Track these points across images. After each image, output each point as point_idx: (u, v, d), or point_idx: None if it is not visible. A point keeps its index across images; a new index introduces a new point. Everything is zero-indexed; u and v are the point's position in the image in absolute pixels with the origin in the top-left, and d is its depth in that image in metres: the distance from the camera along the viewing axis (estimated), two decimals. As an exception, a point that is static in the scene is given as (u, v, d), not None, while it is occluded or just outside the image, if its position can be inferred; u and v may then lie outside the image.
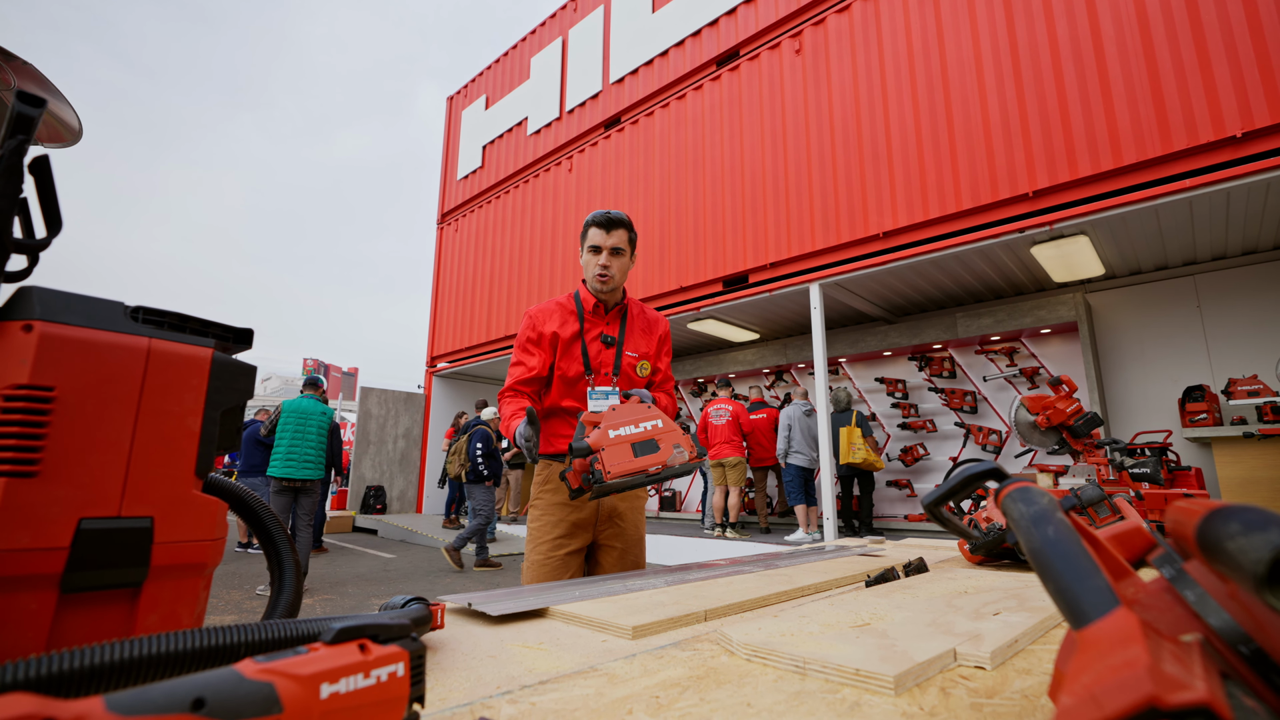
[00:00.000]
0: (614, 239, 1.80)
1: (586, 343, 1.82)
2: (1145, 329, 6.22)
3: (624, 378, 1.83)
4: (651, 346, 1.91)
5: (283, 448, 5.29)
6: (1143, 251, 5.77)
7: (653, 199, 8.09)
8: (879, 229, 5.89)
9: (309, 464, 5.36)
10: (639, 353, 1.87)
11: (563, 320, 1.84)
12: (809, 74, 6.72)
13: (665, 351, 1.96)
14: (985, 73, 5.42)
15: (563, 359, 1.81)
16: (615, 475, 1.34)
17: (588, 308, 1.86)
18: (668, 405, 1.84)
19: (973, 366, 7.21)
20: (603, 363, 1.82)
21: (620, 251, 1.82)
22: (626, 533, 1.79)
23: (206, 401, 0.62)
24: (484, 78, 12.09)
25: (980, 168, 5.34)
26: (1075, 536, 0.39)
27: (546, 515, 1.75)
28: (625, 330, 1.87)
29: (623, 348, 1.85)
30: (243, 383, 0.66)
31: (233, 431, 0.67)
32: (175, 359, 0.60)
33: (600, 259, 1.80)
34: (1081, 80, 4.91)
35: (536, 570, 1.70)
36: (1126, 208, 4.64)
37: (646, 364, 1.88)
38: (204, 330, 0.66)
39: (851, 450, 6.45)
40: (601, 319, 1.87)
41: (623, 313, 1.89)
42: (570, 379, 1.81)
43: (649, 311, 1.99)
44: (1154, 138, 4.53)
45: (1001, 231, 5.17)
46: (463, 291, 11.30)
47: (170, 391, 0.60)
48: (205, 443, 0.62)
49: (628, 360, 1.84)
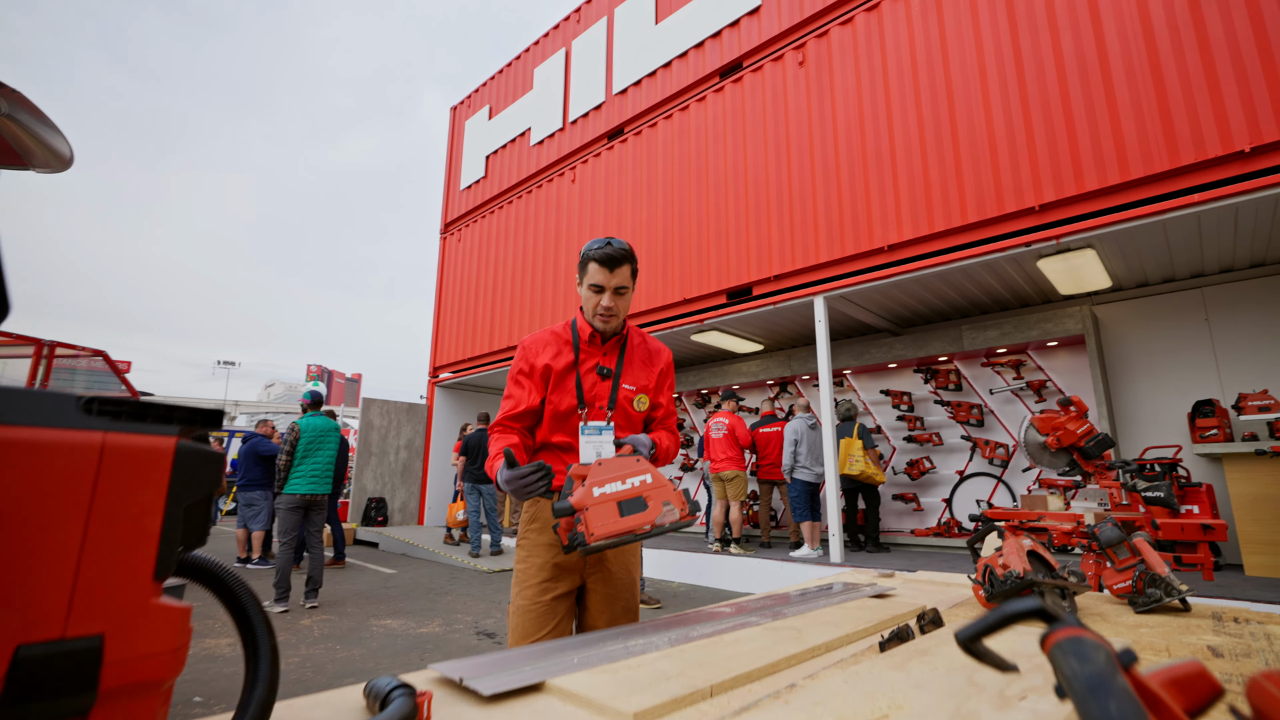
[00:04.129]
0: (618, 278, 1.67)
1: (581, 374, 1.71)
2: (1153, 342, 6.15)
3: (620, 411, 1.73)
4: (651, 379, 1.79)
5: (305, 466, 5.37)
6: (1150, 264, 5.71)
7: (656, 210, 8.06)
8: (884, 242, 5.84)
9: (324, 480, 5.47)
10: (638, 385, 1.76)
11: (557, 351, 1.74)
12: (812, 86, 6.69)
13: (667, 385, 1.84)
14: (990, 85, 5.38)
15: (555, 391, 1.71)
16: (599, 538, 1.29)
17: (584, 337, 1.75)
18: (669, 446, 1.76)
19: (979, 379, 7.14)
20: (598, 395, 1.72)
21: (624, 290, 1.70)
22: (616, 576, 1.71)
23: (168, 497, 0.57)
24: (487, 88, 12.11)
25: (986, 181, 5.30)
26: (1140, 712, 0.34)
27: (533, 556, 1.67)
28: (624, 361, 1.77)
29: (620, 380, 1.74)
30: (209, 472, 0.61)
31: (199, 526, 0.62)
32: (133, 453, 0.55)
33: (603, 300, 1.67)
34: (1087, 93, 4.87)
35: (523, 615, 1.63)
36: (1134, 222, 4.59)
37: (645, 398, 1.78)
38: (167, 417, 0.61)
39: (849, 462, 6.39)
40: (598, 349, 1.75)
41: (622, 342, 1.78)
42: (562, 413, 1.70)
43: (650, 341, 1.87)
44: (1161, 152, 4.47)
45: (1008, 245, 5.11)
46: (466, 301, 11.27)
47: (127, 490, 0.55)
48: (166, 544, 0.57)
49: (625, 394, 1.74)
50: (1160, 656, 1.15)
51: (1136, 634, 1.30)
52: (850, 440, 6.45)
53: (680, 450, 1.95)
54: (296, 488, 5.30)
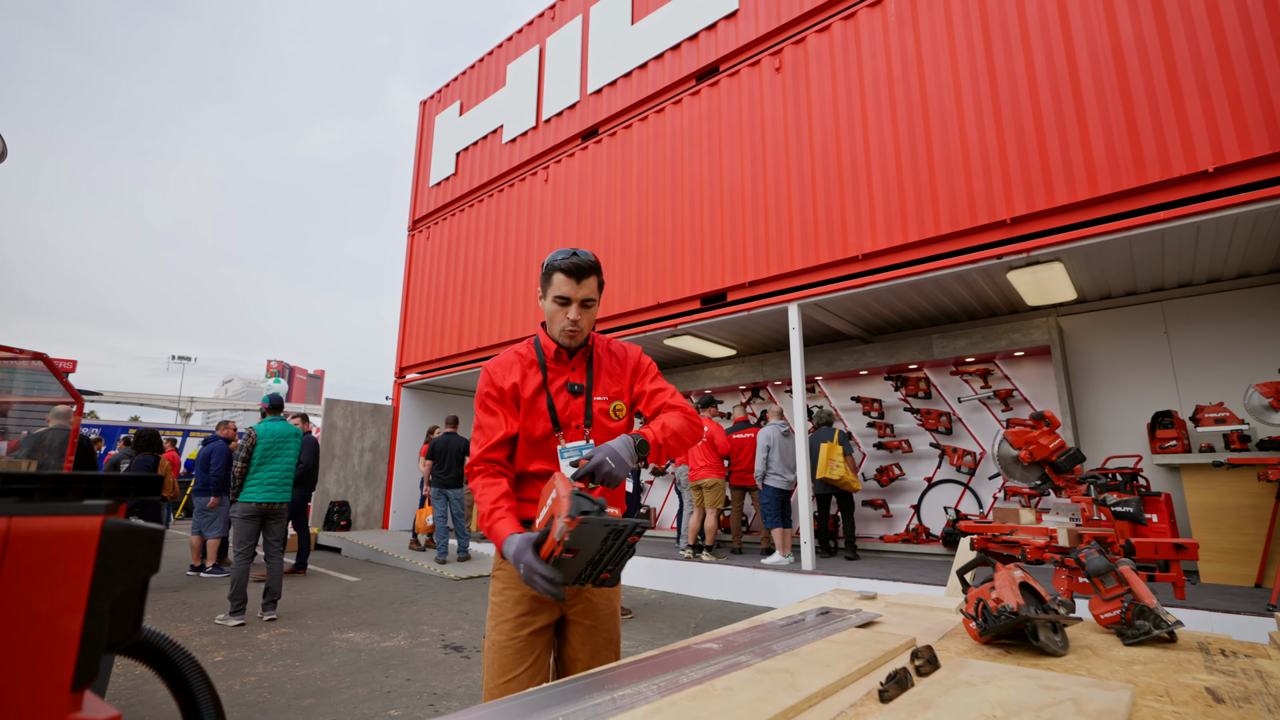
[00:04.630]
0: (585, 289, 1.59)
1: (552, 394, 1.62)
2: (1115, 353, 6.32)
3: (598, 427, 1.65)
4: (624, 382, 1.71)
5: (262, 473, 5.15)
6: (1114, 278, 5.86)
7: (630, 212, 7.99)
8: (858, 250, 5.88)
9: (282, 488, 5.26)
10: (610, 394, 1.68)
11: (523, 373, 1.64)
12: (789, 92, 6.70)
13: (644, 376, 1.74)
14: (964, 99, 5.45)
15: (528, 417, 1.62)
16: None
17: (549, 355, 1.65)
18: (678, 427, 1.60)
19: (948, 387, 7.25)
20: (573, 415, 1.63)
21: (590, 303, 1.62)
22: (598, 608, 1.62)
23: (92, 590, 0.48)
24: (458, 83, 11.88)
25: (959, 193, 5.36)
26: None
27: (509, 589, 1.57)
28: (593, 374, 1.68)
29: (592, 394, 1.66)
30: (144, 554, 0.51)
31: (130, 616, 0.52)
32: (47, 540, 0.46)
33: (569, 313, 1.59)
34: (1059, 110, 4.96)
35: (499, 652, 1.53)
36: (1101, 238, 4.69)
37: (620, 404, 1.69)
38: (93, 489, 0.52)
39: (830, 466, 6.41)
40: (566, 365, 1.66)
41: (588, 355, 1.70)
42: (538, 439, 1.61)
43: (615, 346, 1.78)
44: (1129, 169, 4.58)
45: (980, 257, 5.18)
46: (434, 301, 11.03)
47: (39, 585, 0.45)
48: (88, 648, 0.47)
49: (598, 406, 1.66)
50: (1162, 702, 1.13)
51: (1131, 671, 1.28)
52: (831, 445, 6.48)
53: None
54: (252, 496, 5.07)
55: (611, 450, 1.40)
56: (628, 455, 1.42)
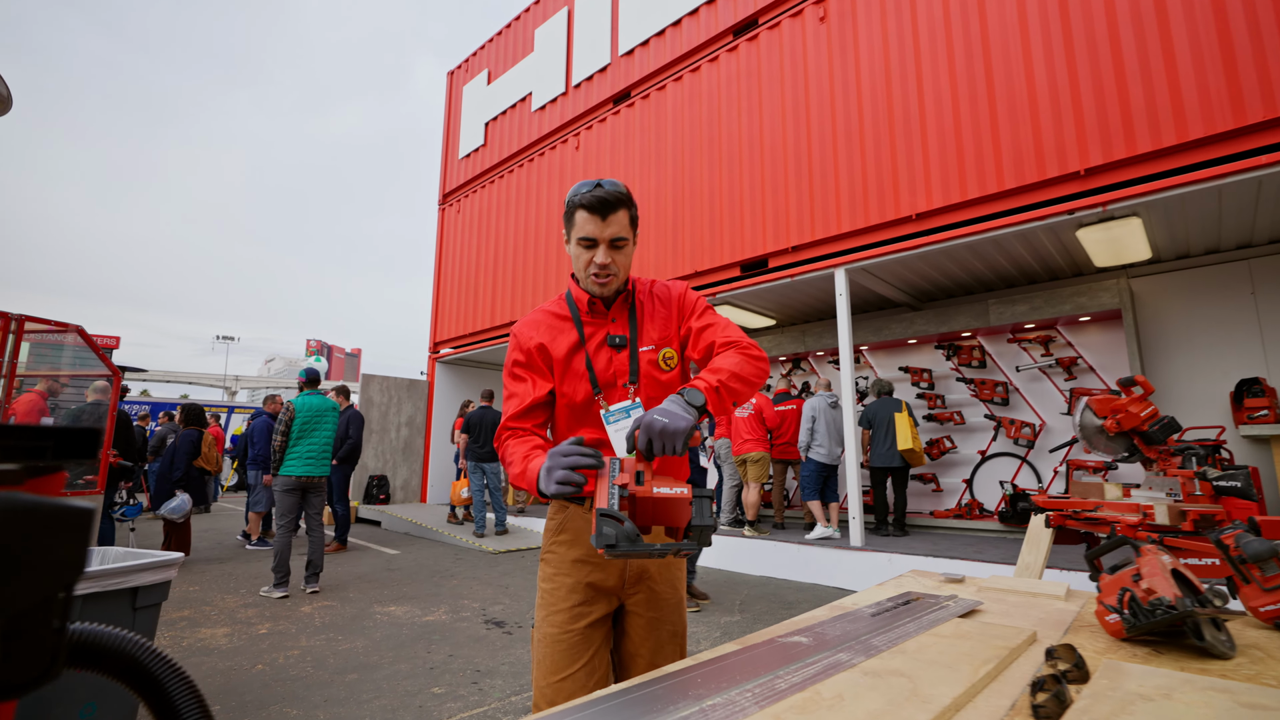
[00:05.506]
0: (613, 227, 1.34)
1: (591, 353, 1.41)
2: (1193, 317, 5.85)
3: (647, 381, 1.41)
4: (670, 325, 1.46)
5: (301, 447, 5.12)
6: (1195, 234, 5.38)
7: (665, 178, 7.69)
8: (911, 210, 5.51)
9: (321, 461, 5.22)
10: (656, 341, 1.44)
11: (555, 331, 1.43)
12: (834, 43, 6.28)
13: (693, 313, 1.47)
14: (1031, 38, 4.99)
15: (565, 380, 1.41)
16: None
17: (583, 308, 1.44)
18: (741, 368, 1.29)
19: (1004, 355, 6.86)
20: (616, 372, 1.40)
21: (621, 243, 1.37)
22: (661, 597, 1.42)
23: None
24: (485, 51, 11.60)
25: (1025, 144, 4.95)
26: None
27: (561, 575, 1.38)
28: (637, 323, 1.45)
29: (638, 345, 1.43)
30: (62, 550, 0.33)
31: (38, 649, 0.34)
32: None
33: (596, 256, 1.35)
34: (1141, 46, 4.49)
35: (551, 646, 1.34)
36: (1189, 187, 4.25)
37: (670, 351, 1.45)
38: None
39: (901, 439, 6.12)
40: (603, 317, 1.44)
41: (629, 302, 1.47)
42: (579, 404, 1.40)
43: (658, 287, 1.51)
44: (1224, 110, 4.12)
45: (1049, 213, 4.78)
46: (466, 275, 10.94)
47: None
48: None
49: (645, 357, 1.42)
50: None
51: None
52: (902, 415, 6.19)
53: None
54: (292, 469, 5.05)
55: (660, 409, 1.13)
56: (680, 408, 1.14)
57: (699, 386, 1.22)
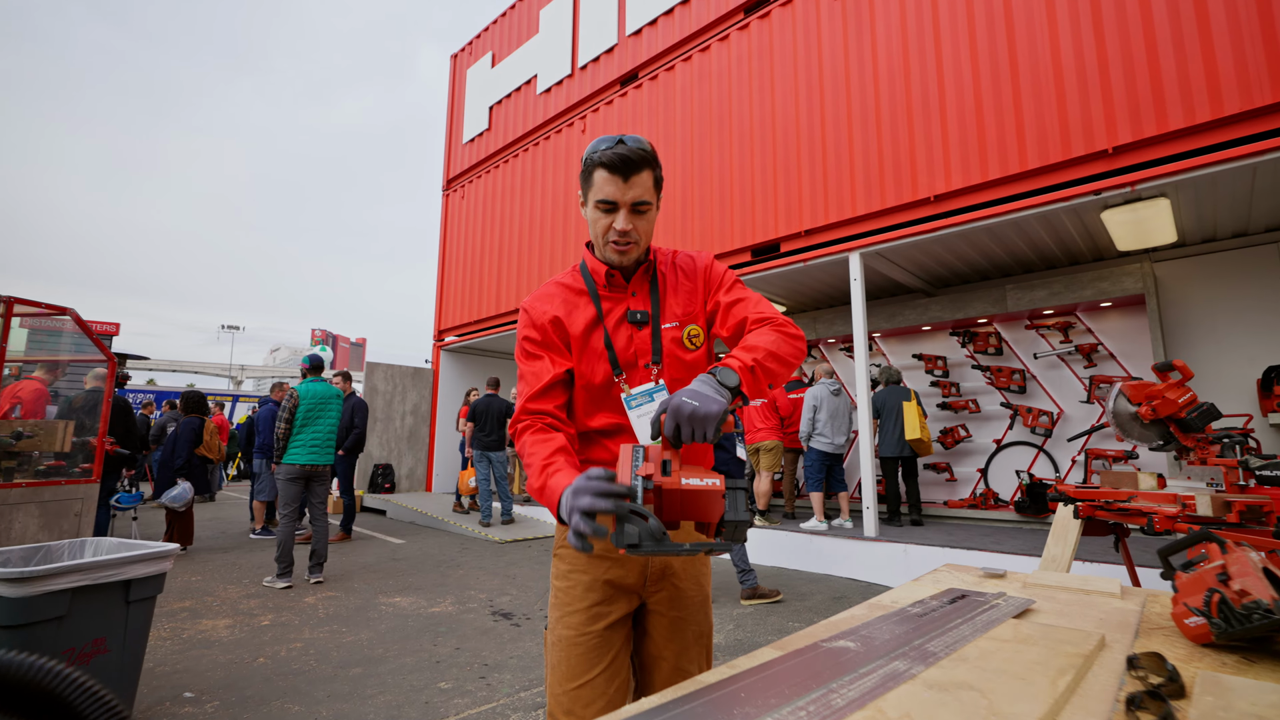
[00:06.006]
0: (636, 189, 1.20)
1: (610, 330, 1.28)
2: (1218, 302, 5.67)
3: (670, 361, 1.29)
4: (696, 299, 1.34)
5: (305, 435, 5.01)
6: (1224, 216, 5.19)
7: (674, 161, 7.51)
8: (929, 192, 5.34)
9: (325, 450, 5.12)
10: (680, 317, 1.32)
11: (570, 304, 1.30)
12: (850, 18, 6.08)
13: (721, 287, 1.34)
14: (1058, 10, 4.80)
15: (582, 359, 1.28)
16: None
17: (600, 281, 1.31)
18: (776, 346, 1.17)
19: (1021, 342, 6.70)
20: (638, 352, 1.28)
21: (644, 207, 1.23)
22: (686, 595, 1.30)
23: None
24: (489, 33, 11.39)
25: (1049, 122, 4.77)
26: None
27: (576, 572, 1.26)
28: (660, 297, 1.32)
29: (660, 322, 1.30)
30: None
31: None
32: None
33: (616, 221, 1.22)
34: (1174, 17, 4.30)
35: (568, 650, 1.22)
36: (1223, 165, 4.08)
37: (696, 329, 1.32)
38: None
39: (909, 428, 5.99)
40: (623, 291, 1.31)
41: (650, 273, 1.33)
42: (598, 386, 1.27)
43: (681, 258, 1.38)
44: (1263, 84, 3.94)
45: (1074, 193, 4.61)
46: (471, 261, 10.80)
47: None
48: None
49: (668, 335, 1.30)
50: None
51: None
52: (911, 405, 6.05)
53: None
54: (295, 458, 4.95)
55: (689, 390, 1.01)
56: (712, 389, 1.03)
57: (732, 366, 1.09)
